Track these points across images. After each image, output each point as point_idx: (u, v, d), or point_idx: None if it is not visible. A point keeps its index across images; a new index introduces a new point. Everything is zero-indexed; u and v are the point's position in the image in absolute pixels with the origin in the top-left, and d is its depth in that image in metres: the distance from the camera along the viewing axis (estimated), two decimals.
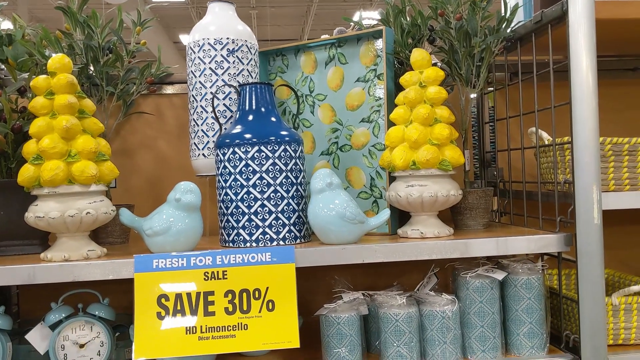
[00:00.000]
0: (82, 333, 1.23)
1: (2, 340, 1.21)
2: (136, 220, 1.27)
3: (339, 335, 1.25)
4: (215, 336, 1.17)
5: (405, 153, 1.30)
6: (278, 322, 1.18)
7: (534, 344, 1.28)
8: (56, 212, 1.18)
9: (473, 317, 1.29)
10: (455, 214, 1.48)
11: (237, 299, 1.19)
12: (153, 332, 1.15)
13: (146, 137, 1.67)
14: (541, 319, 1.29)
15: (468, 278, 1.29)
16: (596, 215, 1.21)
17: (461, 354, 1.29)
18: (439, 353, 1.27)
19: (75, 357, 1.23)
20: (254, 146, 1.29)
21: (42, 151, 1.18)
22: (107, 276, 1.17)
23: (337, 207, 1.25)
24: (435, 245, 1.24)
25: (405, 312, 1.27)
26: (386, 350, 1.27)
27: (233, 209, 1.31)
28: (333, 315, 1.27)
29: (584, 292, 1.23)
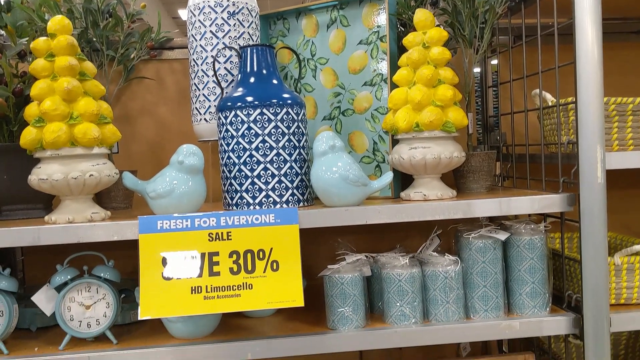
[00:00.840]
0: (88, 295, 1.24)
1: (8, 302, 1.21)
2: (139, 184, 1.27)
3: (343, 295, 1.26)
4: (221, 295, 1.17)
5: (409, 115, 1.29)
6: (282, 282, 1.19)
7: (536, 304, 1.29)
8: (59, 174, 1.18)
9: (476, 277, 1.29)
10: (458, 177, 1.48)
11: (241, 259, 1.20)
12: (158, 291, 1.16)
13: (147, 103, 1.66)
14: (543, 279, 1.30)
15: (471, 239, 1.29)
16: (600, 174, 1.21)
17: (464, 313, 1.30)
18: (441, 312, 1.28)
19: (82, 318, 1.24)
20: (256, 109, 1.28)
21: (44, 113, 1.18)
22: (111, 237, 1.17)
23: (340, 169, 1.25)
24: (439, 206, 1.24)
25: (408, 272, 1.27)
26: (389, 310, 1.28)
27: (236, 173, 1.31)
28: (337, 276, 1.27)
29: (586, 251, 1.23)
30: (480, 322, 1.27)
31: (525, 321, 1.27)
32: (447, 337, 1.26)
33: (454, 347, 1.57)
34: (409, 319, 1.27)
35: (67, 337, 1.22)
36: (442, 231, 1.38)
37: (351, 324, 1.26)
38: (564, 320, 1.26)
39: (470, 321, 1.28)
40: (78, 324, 1.24)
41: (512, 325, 1.26)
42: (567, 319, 1.26)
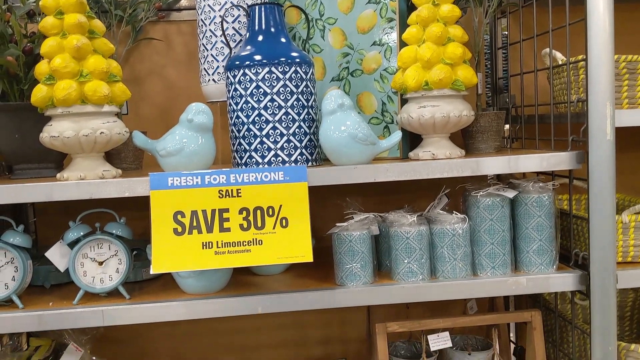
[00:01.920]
0: (101, 251, 1.26)
1: (22, 257, 1.24)
2: (149, 143, 1.28)
3: (351, 252, 1.28)
4: (231, 251, 1.19)
5: (418, 73, 1.29)
6: (292, 238, 1.21)
7: (544, 261, 1.30)
8: (70, 131, 1.19)
9: (483, 235, 1.30)
10: (466, 137, 1.48)
11: (251, 216, 1.21)
12: (170, 246, 1.18)
13: (155, 65, 1.66)
14: (551, 237, 1.31)
15: (479, 197, 1.30)
16: (609, 130, 1.21)
17: (471, 270, 1.31)
18: (448, 269, 1.29)
19: (95, 274, 1.26)
20: (264, 67, 1.28)
21: (54, 70, 1.18)
22: (123, 193, 1.19)
23: (348, 128, 1.26)
24: (447, 164, 1.24)
25: (416, 229, 1.28)
26: (397, 267, 1.30)
27: (245, 132, 1.31)
28: (345, 233, 1.29)
29: (594, 208, 1.24)
30: (488, 278, 1.29)
31: (533, 277, 1.28)
32: (454, 293, 1.27)
33: (460, 306, 1.59)
34: (416, 275, 1.29)
35: (80, 292, 1.25)
36: (450, 191, 1.39)
37: (359, 280, 1.28)
38: (571, 277, 1.28)
39: (478, 278, 1.30)
40: (91, 279, 1.26)
41: (519, 281, 1.27)
42: (574, 275, 1.28)
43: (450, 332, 1.39)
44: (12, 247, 1.23)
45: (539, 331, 1.36)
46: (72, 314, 1.20)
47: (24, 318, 1.20)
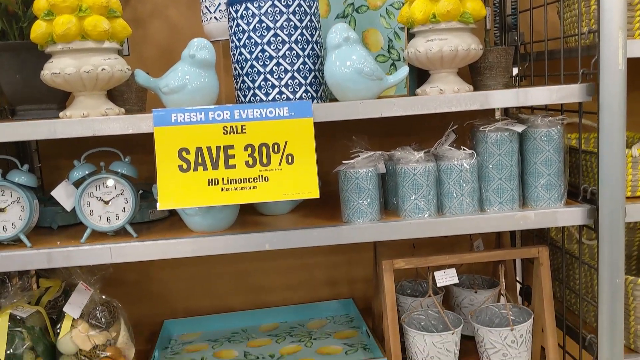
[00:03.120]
0: (106, 190, 1.26)
1: (28, 197, 1.24)
2: (152, 81, 1.27)
3: (358, 189, 1.27)
4: (237, 187, 1.19)
5: (425, 5, 1.25)
6: (298, 175, 1.20)
7: (552, 196, 1.29)
8: (72, 68, 1.17)
9: (491, 170, 1.29)
10: (474, 74, 1.45)
11: (256, 152, 1.20)
12: (176, 183, 1.17)
13: (156, 5, 1.62)
14: (559, 171, 1.29)
15: (487, 132, 1.28)
16: (620, 60, 1.18)
17: (478, 206, 1.30)
18: (456, 205, 1.29)
19: (101, 213, 1.26)
20: (267, 1, 1.25)
21: (53, 5, 1.15)
22: (126, 130, 1.18)
23: (354, 62, 1.23)
24: (455, 97, 1.22)
25: (423, 166, 1.27)
26: (404, 204, 1.29)
27: (248, 69, 1.29)
28: (351, 171, 1.28)
29: (604, 141, 1.22)
30: (495, 213, 1.28)
31: (540, 212, 1.27)
32: (461, 229, 1.27)
33: (467, 245, 1.59)
34: (423, 212, 1.28)
35: (87, 230, 1.25)
36: (458, 128, 1.37)
37: (366, 217, 1.28)
38: (579, 211, 1.27)
39: (485, 213, 1.29)
40: (98, 218, 1.26)
41: (526, 215, 1.27)
42: (582, 209, 1.27)
43: (456, 272, 1.39)
44: (17, 187, 1.23)
45: (546, 267, 1.36)
46: (80, 251, 1.21)
47: (32, 256, 1.20)
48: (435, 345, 1.33)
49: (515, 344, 1.34)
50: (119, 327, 1.37)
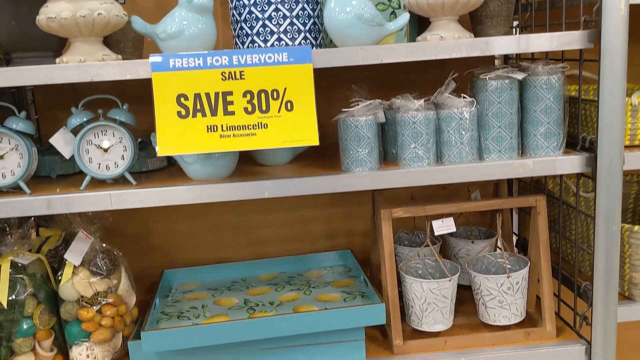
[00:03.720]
0: (105, 138, 1.26)
1: (26, 144, 1.23)
2: (148, 27, 1.25)
3: (357, 138, 1.27)
4: (236, 134, 1.18)
5: None
6: (297, 122, 1.19)
7: (551, 144, 1.30)
8: (67, 12, 1.15)
9: (491, 119, 1.29)
10: (475, 23, 1.44)
11: (255, 99, 1.19)
12: (175, 129, 1.17)
13: None
14: (559, 120, 1.29)
15: (487, 79, 1.28)
16: (623, 6, 1.17)
17: (477, 155, 1.30)
18: (455, 154, 1.29)
19: (100, 161, 1.26)
20: None
21: None
22: (124, 76, 1.16)
23: (354, 8, 1.21)
24: (456, 44, 1.21)
25: (423, 114, 1.27)
26: (403, 153, 1.29)
27: (246, 15, 1.27)
28: (351, 119, 1.27)
29: (604, 89, 1.21)
30: (494, 162, 1.28)
31: (539, 160, 1.28)
32: (460, 177, 1.27)
33: (465, 197, 1.60)
34: (422, 160, 1.28)
35: (87, 178, 1.25)
36: (459, 76, 1.36)
37: (365, 166, 1.28)
38: (578, 159, 1.27)
39: (484, 162, 1.29)
40: (97, 166, 1.26)
41: (525, 164, 1.27)
42: (581, 157, 1.27)
43: (454, 223, 1.40)
44: (15, 134, 1.22)
45: (543, 216, 1.37)
46: (80, 198, 1.21)
47: (32, 202, 1.20)
48: (432, 291, 1.34)
49: (511, 291, 1.36)
50: (119, 274, 1.39)
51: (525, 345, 1.36)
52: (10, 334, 1.29)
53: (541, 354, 1.35)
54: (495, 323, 1.39)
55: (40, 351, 1.33)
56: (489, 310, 1.38)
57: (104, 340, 1.33)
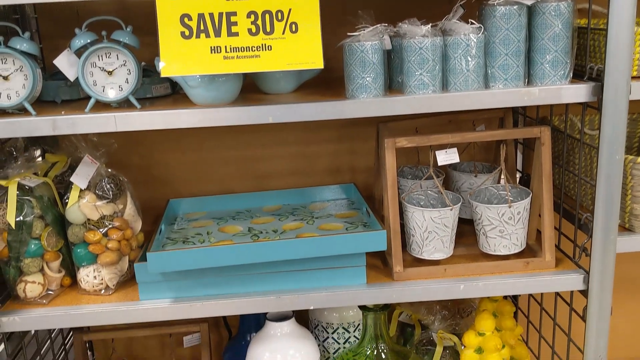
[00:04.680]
0: (109, 60, 1.25)
1: (30, 65, 1.23)
2: None
3: (362, 63, 1.26)
4: (240, 56, 1.18)
5: None
6: (302, 44, 1.18)
7: (557, 73, 1.28)
8: None
9: (498, 46, 1.27)
10: None
11: (259, 20, 1.18)
12: (178, 50, 1.16)
13: None
14: (567, 48, 1.27)
15: (495, 5, 1.26)
16: None
17: (483, 83, 1.29)
18: (461, 81, 1.28)
19: (104, 83, 1.26)
20: None
21: None
22: None
23: None
24: None
25: (430, 40, 1.25)
26: (408, 80, 1.28)
27: None
28: (356, 44, 1.26)
29: (613, 17, 1.19)
30: (499, 89, 1.27)
31: (545, 88, 1.27)
32: (466, 104, 1.27)
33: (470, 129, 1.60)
34: (427, 87, 1.27)
35: (91, 100, 1.25)
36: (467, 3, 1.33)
37: (370, 92, 1.27)
38: (584, 88, 1.26)
39: (489, 90, 1.28)
40: (101, 89, 1.26)
41: (531, 91, 1.26)
42: (588, 86, 1.26)
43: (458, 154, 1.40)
44: (20, 54, 1.22)
45: (547, 147, 1.37)
46: (85, 119, 1.22)
47: (38, 122, 1.21)
48: (434, 220, 1.36)
49: (512, 221, 1.37)
50: (125, 200, 1.41)
51: (524, 274, 1.39)
52: (19, 254, 1.32)
53: (539, 282, 1.37)
54: (495, 253, 1.41)
55: (48, 272, 1.36)
56: (489, 240, 1.40)
57: (111, 263, 1.36)
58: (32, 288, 1.33)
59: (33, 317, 1.32)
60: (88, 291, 1.38)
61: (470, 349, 1.48)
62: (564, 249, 1.49)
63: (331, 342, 1.64)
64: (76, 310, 1.33)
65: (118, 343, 1.81)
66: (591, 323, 1.37)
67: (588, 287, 1.36)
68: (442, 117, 1.59)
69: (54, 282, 1.38)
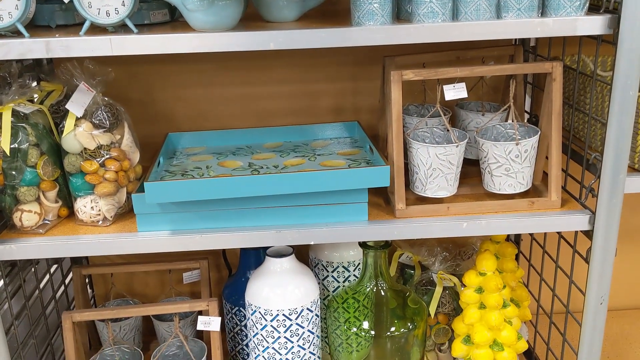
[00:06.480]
0: None
1: None
2: None
3: None
4: None
5: None
6: None
7: (573, 4, 1.22)
8: None
9: None
10: None
11: None
12: None
13: None
14: None
15: None
16: None
17: (495, 14, 1.24)
18: (472, 11, 1.22)
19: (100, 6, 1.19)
20: None
21: None
22: None
23: None
24: None
25: None
26: (417, 8, 1.22)
27: None
28: None
29: None
30: (512, 19, 1.22)
31: (559, 19, 1.21)
32: (476, 34, 1.22)
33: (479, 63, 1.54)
34: (437, 15, 1.22)
35: (86, 23, 1.20)
36: None
37: (377, 19, 1.22)
38: (600, 19, 1.21)
39: (502, 19, 1.23)
40: (97, 11, 1.20)
41: (545, 22, 1.21)
42: (604, 18, 1.20)
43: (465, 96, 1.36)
44: None
45: (558, 82, 1.32)
46: (80, 42, 1.17)
47: (31, 44, 1.16)
48: (439, 157, 1.33)
49: (519, 159, 1.34)
50: (122, 130, 1.37)
51: (529, 213, 1.36)
52: (14, 182, 1.30)
53: (544, 221, 1.35)
54: (500, 191, 1.38)
55: (45, 202, 1.34)
56: (494, 178, 1.37)
57: (108, 194, 1.34)
58: (28, 217, 1.31)
59: (30, 246, 1.30)
60: (85, 222, 1.36)
61: (470, 288, 1.47)
62: (570, 191, 1.46)
63: (331, 280, 1.64)
64: (74, 240, 1.31)
65: (117, 278, 1.81)
66: (595, 264, 1.35)
67: (593, 227, 1.33)
68: (450, 52, 1.54)
69: (51, 212, 1.36)
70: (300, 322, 1.45)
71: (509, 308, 1.47)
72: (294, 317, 1.44)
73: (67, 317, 1.47)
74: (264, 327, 1.45)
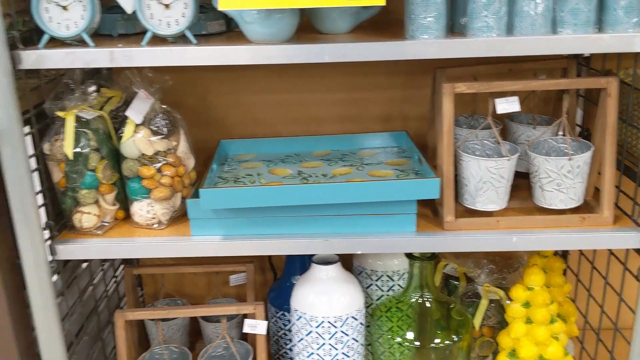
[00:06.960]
0: None
1: None
2: None
3: (425, 1, 1.21)
4: None
5: None
6: None
7: (631, 20, 1.21)
8: None
9: None
10: None
11: None
12: None
13: None
14: None
15: None
16: None
17: (551, 29, 1.23)
18: (527, 26, 1.22)
19: (161, 17, 1.24)
20: None
21: None
22: None
23: None
24: None
25: None
26: (472, 22, 1.23)
27: None
28: None
29: None
30: (568, 35, 1.21)
31: (616, 35, 1.20)
32: (532, 49, 1.21)
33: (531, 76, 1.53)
34: (491, 30, 1.22)
35: (148, 33, 1.25)
36: None
37: (431, 33, 1.23)
38: None
39: (557, 35, 1.22)
40: (158, 22, 1.25)
41: (601, 38, 1.20)
42: None
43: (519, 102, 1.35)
44: None
45: (613, 98, 1.30)
46: (141, 52, 1.22)
47: (95, 54, 1.22)
48: (489, 170, 1.32)
49: (571, 174, 1.32)
50: (178, 137, 1.41)
51: (579, 229, 1.35)
52: (75, 185, 1.35)
53: (595, 238, 1.33)
54: (551, 207, 1.37)
55: (103, 204, 1.39)
56: (545, 193, 1.36)
57: (164, 198, 1.38)
58: (87, 219, 1.37)
59: (88, 247, 1.35)
60: (141, 225, 1.41)
61: (517, 302, 1.46)
62: (622, 207, 1.43)
63: (374, 288, 1.65)
64: (130, 242, 1.36)
65: (167, 279, 1.86)
66: None
67: None
68: (502, 65, 1.53)
69: (109, 215, 1.41)
70: (345, 330, 1.47)
71: (556, 324, 1.46)
72: (339, 325, 1.46)
73: (120, 316, 1.52)
74: (309, 333, 1.47)
